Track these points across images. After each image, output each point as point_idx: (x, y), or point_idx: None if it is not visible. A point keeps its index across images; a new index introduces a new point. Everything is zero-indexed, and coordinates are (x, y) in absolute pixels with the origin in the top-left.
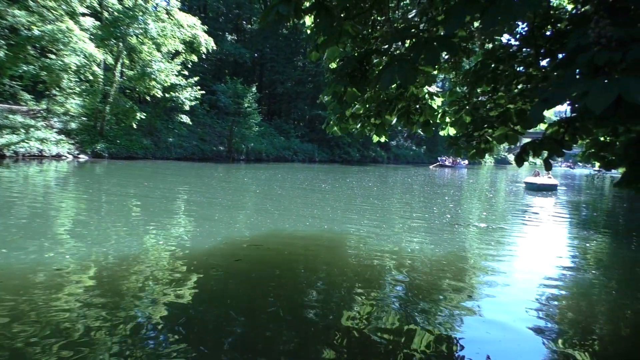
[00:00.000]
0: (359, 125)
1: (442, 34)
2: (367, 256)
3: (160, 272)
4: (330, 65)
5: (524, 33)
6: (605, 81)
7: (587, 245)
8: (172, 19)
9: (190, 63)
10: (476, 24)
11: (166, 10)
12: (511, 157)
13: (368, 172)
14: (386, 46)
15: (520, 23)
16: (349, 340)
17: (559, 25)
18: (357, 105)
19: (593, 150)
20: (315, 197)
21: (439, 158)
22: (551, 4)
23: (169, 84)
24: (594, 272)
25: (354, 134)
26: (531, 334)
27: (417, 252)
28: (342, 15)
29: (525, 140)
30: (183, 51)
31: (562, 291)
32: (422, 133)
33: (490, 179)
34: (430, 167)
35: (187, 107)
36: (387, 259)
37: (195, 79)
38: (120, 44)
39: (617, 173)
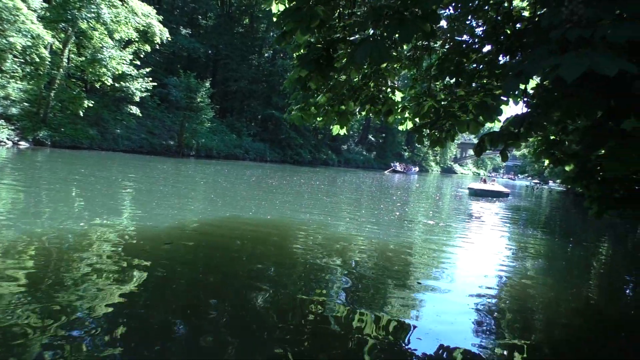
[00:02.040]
0: (322, 114)
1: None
2: (314, 246)
3: (92, 258)
4: (295, 54)
5: (482, 35)
6: (576, 55)
7: (527, 242)
8: (126, 6)
9: (143, 53)
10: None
11: None
12: (457, 167)
13: (318, 172)
14: (355, 36)
15: (480, 23)
16: (299, 330)
17: (518, 25)
18: (320, 95)
19: (544, 147)
20: (262, 191)
21: (391, 164)
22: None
23: (120, 72)
24: (533, 266)
25: (316, 123)
26: (477, 319)
27: (366, 243)
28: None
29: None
30: (136, 40)
31: (505, 282)
32: (384, 122)
33: (437, 185)
34: (385, 172)
35: (137, 99)
36: (336, 248)
37: (147, 69)
38: (70, 28)
39: (554, 185)
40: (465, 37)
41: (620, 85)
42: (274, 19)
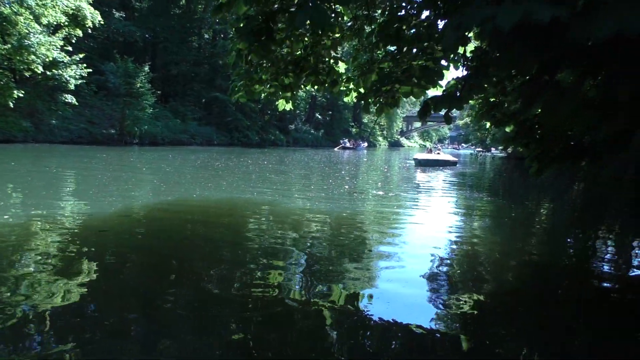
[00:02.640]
0: (266, 89)
1: None
2: (265, 223)
3: (31, 253)
4: (234, 29)
5: (420, 0)
6: (512, 4)
7: (474, 205)
8: None
9: (75, 38)
10: None
11: None
12: (404, 140)
13: (266, 153)
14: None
15: None
16: (256, 311)
17: None
18: (263, 69)
19: (484, 110)
20: (208, 174)
21: (340, 140)
22: None
23: (50, 59)
24: (480, 225)
25: (260, 99)
26: (428, 277)
27: (317, 217)
28: None
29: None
30: (66, 24)
31: (454, 241)
32: (329, 93)
33: (385, 158)
34: (335, 149)
35: (72, 87)
36: (287, 224)
37: (81, 55)
38: None
39: (496, 152)
40: (403, 3)
41: (554, 36)
42: None
